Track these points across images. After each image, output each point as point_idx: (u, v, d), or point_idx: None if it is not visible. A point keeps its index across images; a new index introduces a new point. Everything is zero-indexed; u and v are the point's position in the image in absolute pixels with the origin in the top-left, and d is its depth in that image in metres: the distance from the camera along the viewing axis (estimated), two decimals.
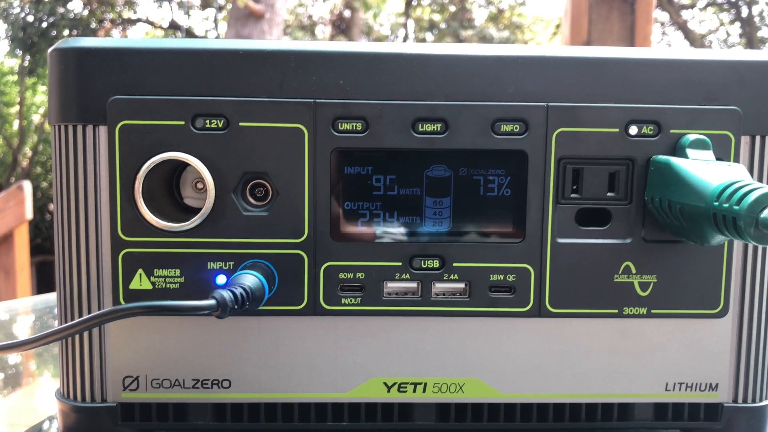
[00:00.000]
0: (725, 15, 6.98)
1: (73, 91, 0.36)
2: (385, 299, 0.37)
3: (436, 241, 0.37)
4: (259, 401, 0.38)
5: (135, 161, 0.36)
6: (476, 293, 0.37)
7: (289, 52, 0.36)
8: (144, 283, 0.37)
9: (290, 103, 0.36)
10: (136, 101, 0.35)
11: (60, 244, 0.37)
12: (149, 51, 0.36)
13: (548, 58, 0.36)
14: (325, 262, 0.37)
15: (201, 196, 0.38)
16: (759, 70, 0.37)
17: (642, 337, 0.38)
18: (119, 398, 0.38)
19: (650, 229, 0.37)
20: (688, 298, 0.37)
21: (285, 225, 0.37)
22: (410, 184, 0.37)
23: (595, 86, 0.36)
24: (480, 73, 0.36)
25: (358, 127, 0.36)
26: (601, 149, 0.36)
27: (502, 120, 0.36)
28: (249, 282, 0.34)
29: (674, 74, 0.37)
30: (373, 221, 0.37)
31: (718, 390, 0.39)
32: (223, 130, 0.36)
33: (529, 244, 0.37)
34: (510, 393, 0.38)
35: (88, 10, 5.67)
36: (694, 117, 0.36)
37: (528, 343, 0.38)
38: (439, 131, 0.36)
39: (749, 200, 0.29)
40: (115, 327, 0.37)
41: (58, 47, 0.36)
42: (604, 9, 2.29)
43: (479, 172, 0.37)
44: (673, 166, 0.34)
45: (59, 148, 0.36)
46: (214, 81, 0.36)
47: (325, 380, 0.38)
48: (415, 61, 0.36)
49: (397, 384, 0.38)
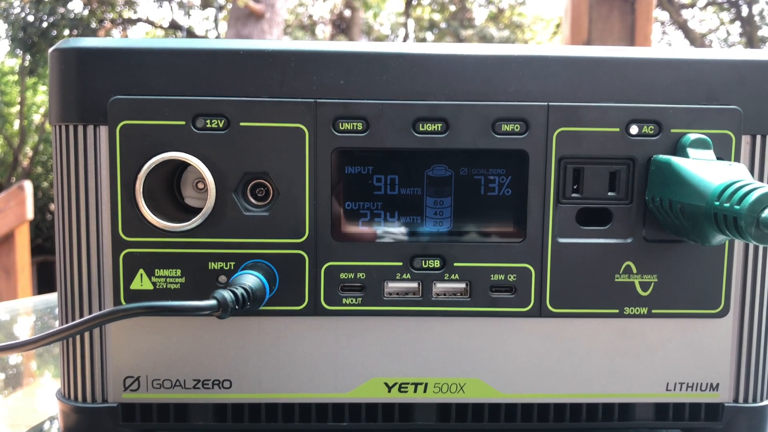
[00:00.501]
0: (725, 14, 6.98)
1: (73, 91, 0.36)
2: (385, 299, 0.37)
3: (436, 241, 0.37)
4: (259, 401, 0.38)
5: (136, 161, 0.36)
6: (477, 293, 0.37)
7: (289, 52, 0.36)
8: (145, 283, 0.37)
9: (291, 103, 0.36)
10: (136, 101, 0.35)
11: (61, 244, 0.37)
12: (150, 51, 0.36)
13: (549, 58, 0.36)
14: (325, 262, 0.37)
15: (202, 196, 0.38)
16: (760, 70, 0.37)
17: (643, 337, 0.38)
18: (120, 398, 0.38)
19: (651, 228, 0.37)
20: (688, 298, 0.37)
21: (286, 225, 0.37)
22: (411, 183, 0.37)
23: (596, 86, 0.36)
24: (480, 73, 0.36)
25: (358, 126, 0.36)
26: (602, 149, 0.36)
27: (502, 120, 0.36)
28: (250, 282, 0.34)
29: (675, 74, 0.36)
30: (374, 221, 0.37)
31: (718, 390, 0.39)
32: (223, 130, 0.36)
33: (529, 243, 0.37)
34: (511, 393, 0.38)
35: (88, 10, 5.67)
36: (695, 116, 0.36)
37: (529, 343, 0.38)
38: (439, 131, 0.36)
39: (750, 200, 0.29)
40: (115, 327, 0.37)
41: (58, 47, 0.36)
42: (605, 8, 2.29)
43: (480, 172, 0.37)
44: (674, 165, 0.34)
45: (60, 148, 0.36)
46: (214, 81, 0.36)
47: (326, 380, 0.38)
48: (415, 61, 0.36)
49: (398, 384, 0.38)
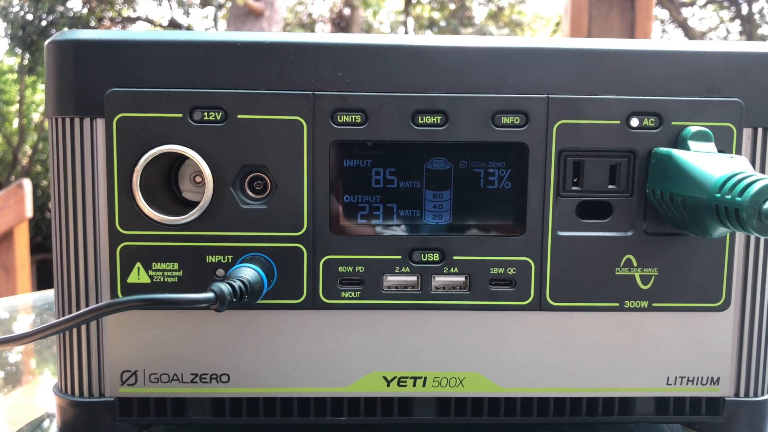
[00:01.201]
0: (725, 12, 6.97)
1: (70, 83, 0.35)
2: (384, 293, 0.37)
3: (436, 235, 0.37)
4: (257, 396, 0.38)
5: (133, 154, 0.35)
6: (476, 287, 0.37)
7: (287, 44, 0.36)
8: (142, 276, 0.36)
9: (289, 96, 0.36)
10: (133, 93, 0.35)
11: (58, 237, 0.37)
12: (147, 43, 0.35)
13: (549, 50, 0.36)
14: (324, 255, 0.37)
15: (199, 189, 0.37)
16: (761, 62, 0.37)
17: (643, 330, 0.38)
18: (117, 393, 0.38)
19: (652, 221, 0.37)
20: (689, 292, 0.37)
21: (284, 218, 0.36)
22: (410, 177, 0.37)
23: (596, 78, 0.36)
24: (480, 65, 0.36)
25: (357, 119, 0.36)
26: (602, 141, 0.36)
27: (502, 112, 0.36)
28: (248, 275, 0.34)
29: (676, 66, 0.36)
30: (373, 214, 0.37)
31: (719, 384, 0.39)
32: (221, 123, 0.36)
33: (529, 237, 0.37)
34: (510, 387, 0.38)
35: (87, 8, 5.66)
36: (696, 109, 0.36)
37: (528, 336, 0.38)
38: (439, 123, 0.36)
39: (752, 191, 0.29)
40: (112, 321, 0.37)
41: (55, 40, 0.36)
42: (605, 6, 2.28)
43: (479, 165, 0.37)
44: (675, 158, 0.34)
45: (56, 141, 0.36)
46: (212, 73, 0.35)
47: (325, 374, 0.38)
48: (414, 53, 0.36)
49: (397, 378, 0.38)
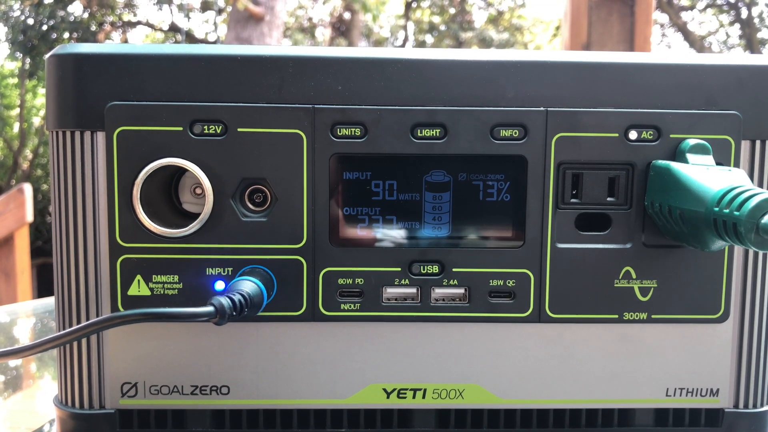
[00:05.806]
0: (725, 16, 6.98)
1: (70, 97, 0.36)
2: (384, 305, 0.37)
3: (435, 247, 0.37)
4: (257, 407, 0.38)
5: (133, 167, 0.35)
6: (476, 299, 0.37)
7: (287, 57, 0.36)
8: (142, 289, 0.36)
9: (289, 109, 0.36)
10: (133, 107, 0.35)
11: (58, 249, 0.37)
12: (147, 57, 0.36)
13: (547, 63, 0.36)
14: (324, 267, 0.37)
15: (199, 201, 0.37)
16: (759, 75, 0.37)
17: (642, 342, 0.38)
18: (117, 405, 0.38)
19: (650, 234, 0.37)
20: (688, 304, 0.37)
21: (284, 231, 0.36)
22: (409, 189, 0.37)
23: (595, 91, 0.36)
24: (479, 78, 0.36)
25: (356, 132, 0.36)
26: (601, 154, 0.36)
27: (501, 125, 0.36)
28: (247, 288, 0.34)
29: (674, 78, 0.36)
30: (372, 227, 0.37)
31: (719, 395, 0.39)
32: (221, 136, 0.36)
33: (528, 249, 0.37)
34: (510, 399, 0.38)
35: (88, 12, 5.67)
36: (694, 121, 0.36)
37: (528, 348, 0.38)
38: (438, 136, 0.36)
39: (750, 206, 0.29)
40: (113, 333, 0.37)
41: (55, 53, 0.36)
42: (604, 11, 2.29)
43: (478, 177, 0.37)
44: (673, 171, 0.34)
45: (57, 154, 0.36)
46: (212, 86, 0.36)
47: (324, 386, 0.38)
48: (413, 67, 0.36)
49: (397, 390, 0.38)
